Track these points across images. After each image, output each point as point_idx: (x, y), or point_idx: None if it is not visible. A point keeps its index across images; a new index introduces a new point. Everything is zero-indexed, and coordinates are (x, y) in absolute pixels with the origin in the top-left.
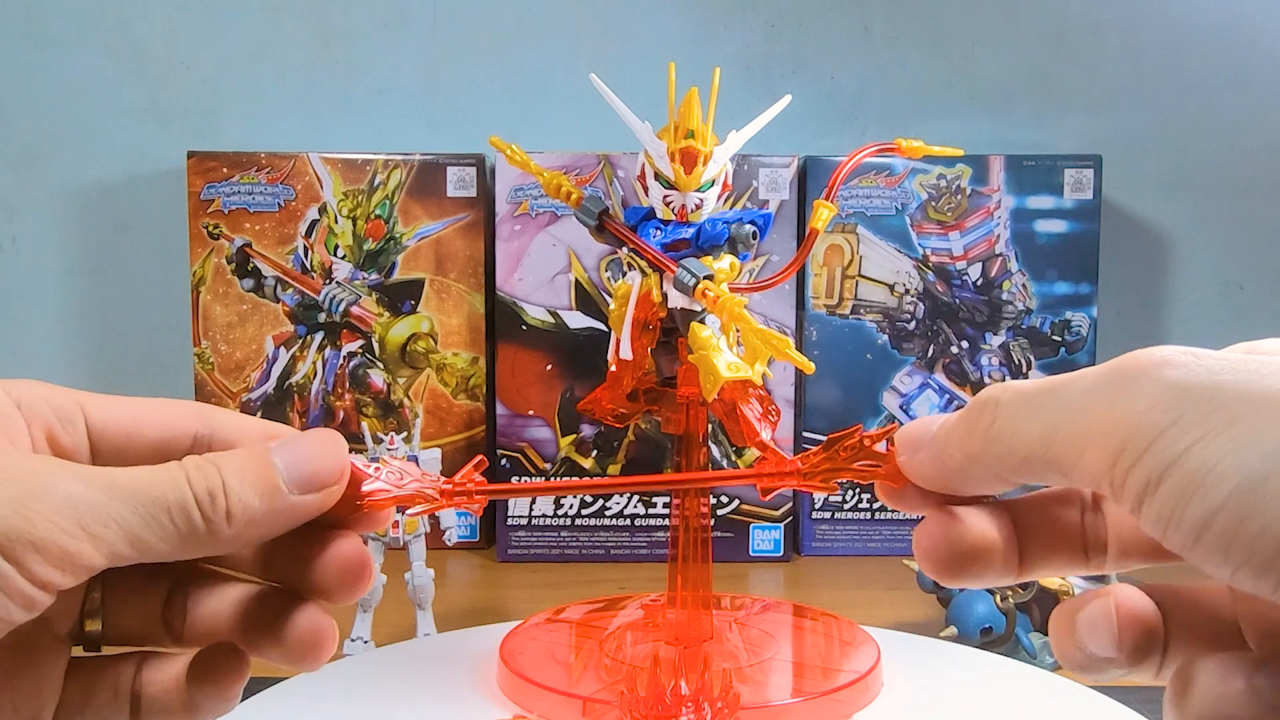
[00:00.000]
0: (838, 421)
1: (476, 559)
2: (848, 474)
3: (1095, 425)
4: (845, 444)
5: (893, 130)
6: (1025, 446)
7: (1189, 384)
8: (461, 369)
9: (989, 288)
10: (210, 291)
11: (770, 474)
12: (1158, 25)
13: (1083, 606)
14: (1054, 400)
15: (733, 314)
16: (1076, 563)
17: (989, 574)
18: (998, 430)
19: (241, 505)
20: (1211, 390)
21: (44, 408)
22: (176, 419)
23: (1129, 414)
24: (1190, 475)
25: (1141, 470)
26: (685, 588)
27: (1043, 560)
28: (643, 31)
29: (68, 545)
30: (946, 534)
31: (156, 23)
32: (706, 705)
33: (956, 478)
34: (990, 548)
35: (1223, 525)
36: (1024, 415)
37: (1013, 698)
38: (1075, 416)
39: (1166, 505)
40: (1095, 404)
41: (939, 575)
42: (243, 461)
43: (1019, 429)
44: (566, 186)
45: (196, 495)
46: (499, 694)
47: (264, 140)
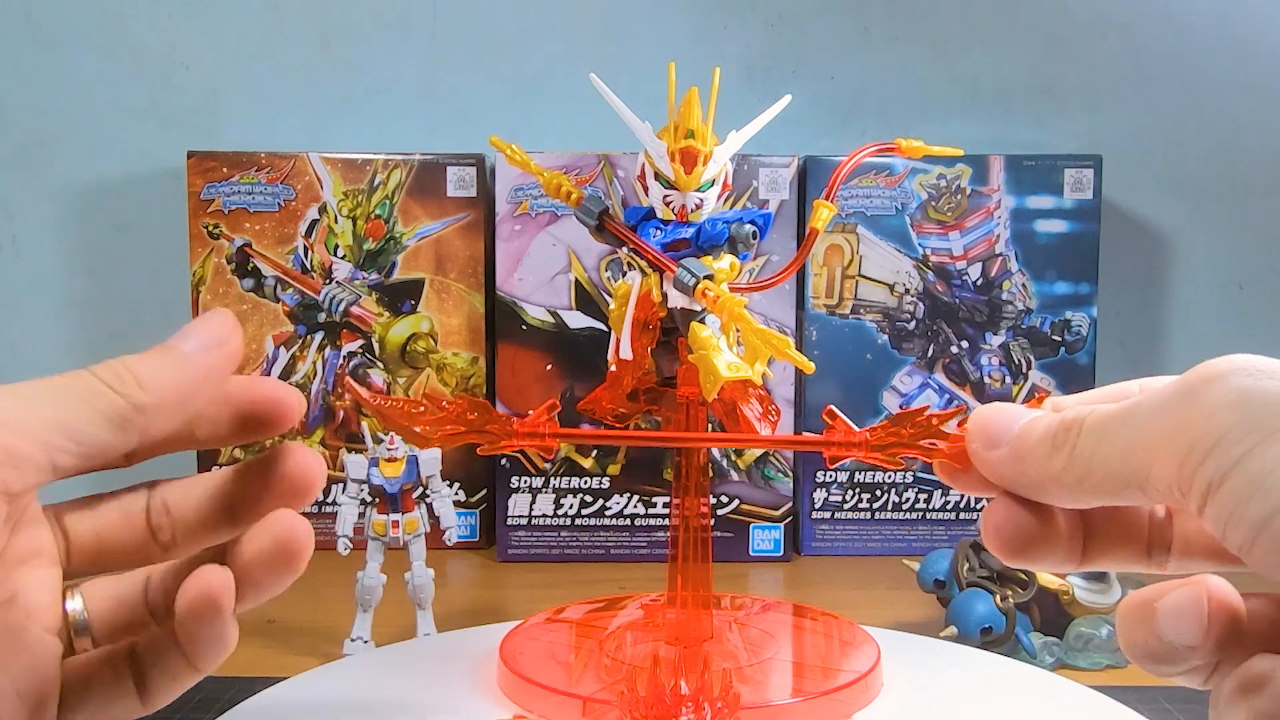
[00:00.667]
0: None
1: (476, 559)
2: (913, 450)
3: (1166, 434)
4: (913, 420)
5: (893, 130)
6: (1105, 467)
7: (1254, 390)
8: (461, 369)
9: (989, 288)
10: (210, 291)
11: (839, 443)
12: (1158, 25)
13: (1163, 594)
14: (1131, 418)
15: (733, 314)
16: (1139, 559)
17: (1052, 559)
18: (1080, 452)
19: (147, 369)
20: (1275, 395)
21: None
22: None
23: (1196, 418)
24: (1251, 477)
25: (1206, 470)
26: (685, 588)
27: (1106, 553)
28: (643, 31)
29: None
30: (1016, 518)
31: (156, 23)
32: (706, 705)
33: (1031, 488)
34: (1057, 534)
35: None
36: (1105, 436)
37: (1013, 698)
38: (1148, 431)
39: (1227, 505)
40: (1167, 415)
41: (1003, 555)
42: (144, 352)
43: (1100, 450)
44: (566, 186)
45: (102, 376)
46: (499, 694)
47: (264, 140)
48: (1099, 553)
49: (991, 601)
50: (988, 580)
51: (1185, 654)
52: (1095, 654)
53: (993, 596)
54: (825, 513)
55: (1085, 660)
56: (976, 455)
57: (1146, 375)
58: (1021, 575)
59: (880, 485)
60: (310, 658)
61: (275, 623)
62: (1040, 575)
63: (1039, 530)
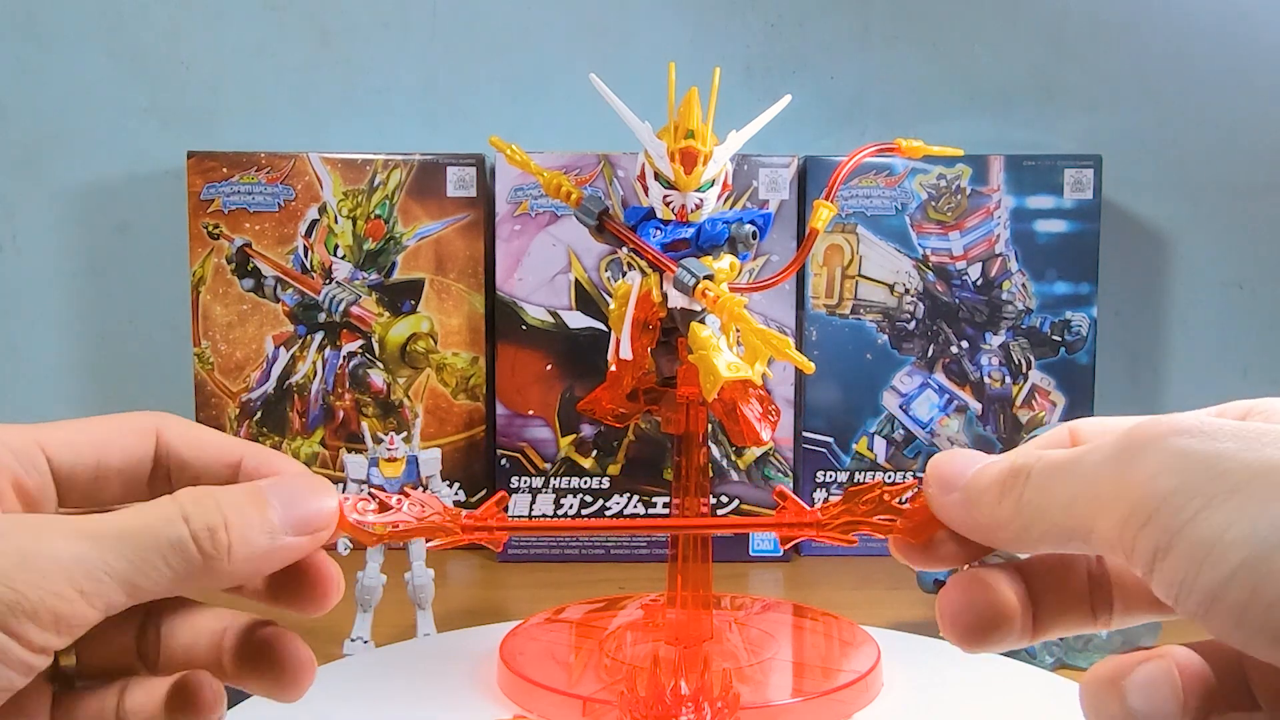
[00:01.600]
0: (838, 421)
1: (476, 559)
2: (866, 527)
3: (1107, 492)
4: (865, 497)
5: (893, 130)
6: (1050, 516)
7: (1192, 451)
8: (461, 369)
9: (989, 288)
10: (210, 291)
11: (789, 524)
12: (1158, 25)
13: (1128, 668)
14: (1075, 469)
15: (733, 314)
16: (1085, 621)
17: (1009, 639)
18: (1027, 499)
19: (243, 542)
20: (1214, 458)
21: (4, 455)
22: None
23: (1136, 481)
24: (1199, 543)
25: (1150, 536)
26: (685, 588)
27: (1054, 621)
28: (643, 31)
29: (61, 609)
30: (971, 601)
31: (156, 23)
32: (706, 705)
33: (980, 533)
34: (1011, 613)
35: (1235, 596)
36: (1050, 486)
37: (1013, 698)
38: (1091, 485)
39: (1177, 573)
40: (1108, 472)
41: (964, 643)
42: (242, 499)
43: (1046, 500)
44: (566, 186)
45: (195, 532)
46: (499, 694)
47: (264, 140)
48: (1047, 622)
49: None
50: None
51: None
52: (1095, 654)
53: None
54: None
55: (1085, 660)
56: (934, 500)
57: (1147, 375)
58: None
59: None
60: None
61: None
62: None
63: (994, 609)
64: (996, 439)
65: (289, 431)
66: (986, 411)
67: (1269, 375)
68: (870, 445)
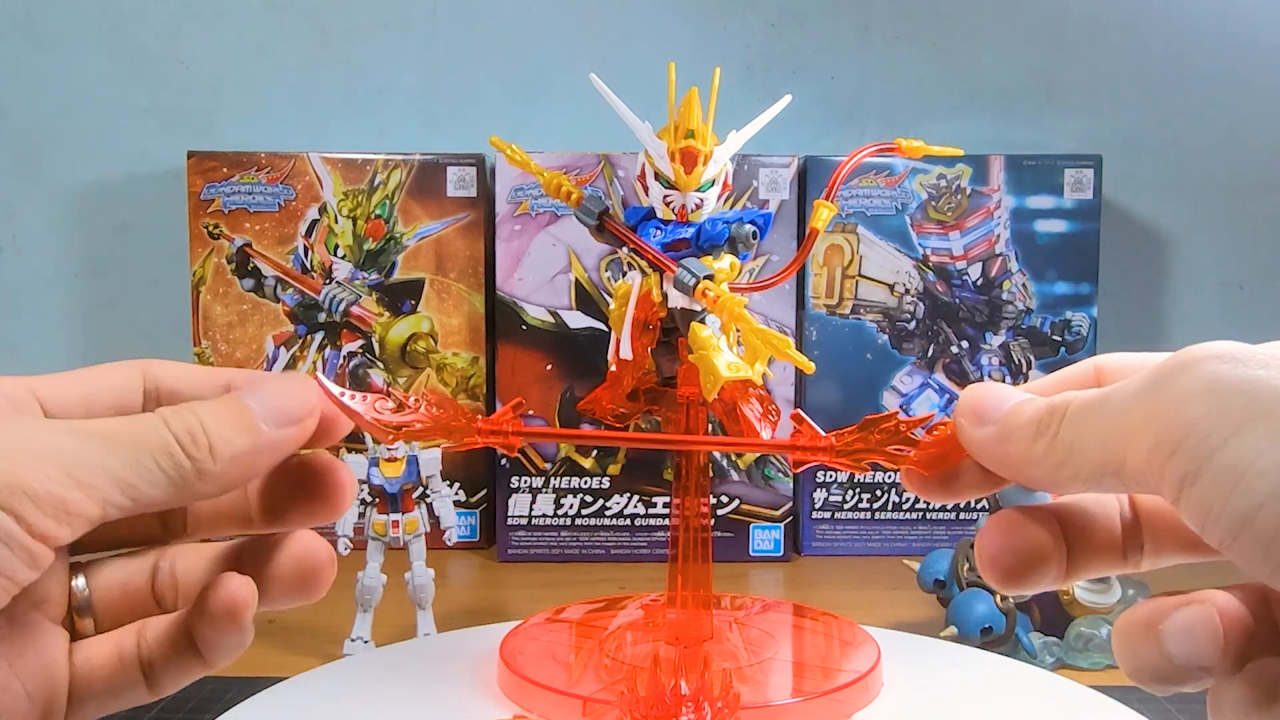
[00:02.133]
0: (838, 421)
1: (476, 559)
2: (879, 455)
3: (1139, 421)
4: (881, 426)
5: (893, 130)
6: (1084, 454)
7: (1224, 378)
8: (461, 369)
9: (989, 288)
10: (210, 291)
11: (804, 446)
12: (1158, 25)
13: (1164, 612)
14: (1107, 405)
15: (733, 314)
16: (1116, 563)
17: (1046, 579)
18: (1061, 438)
19: (223, 441)
20: (1246, 384)
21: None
22: (123, 383)
23: (1166, 407)
24: (1228, 470)
25: (1178, 463)
26: (685, 588)
27: (1086, 563)
28: (643, 31)
29: (61, 493)
30: (1010, 542)
31: (156, 23)
32: (706, 705)
33: (1013, 469)
34: (1049, 553)
35: (1264, 524)
36: (1084, 424)
37: (1013, 698)
38: (1122, 417)
39: (1205, 499)
40: (1140, 401)
41: (1003, 582)
42: (217, 405)
43: (1081, 437)
44: (566, 186)
45: (177, 436)
46: (499, 694)
47: (264, 140)
48: (1080, 563)
49: (991, 601)
50: None
51: (1197, 674)
52: (1095, 654)
53: (993, 596)
54: (825, 513)
55: (1085, 660)
56: (963, 431)
57: None
58: None
59: (880, 485)
60: (310, 658)
61: (275, 623)
62: None
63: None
64: None
65: None
66: None
67: None
68: None
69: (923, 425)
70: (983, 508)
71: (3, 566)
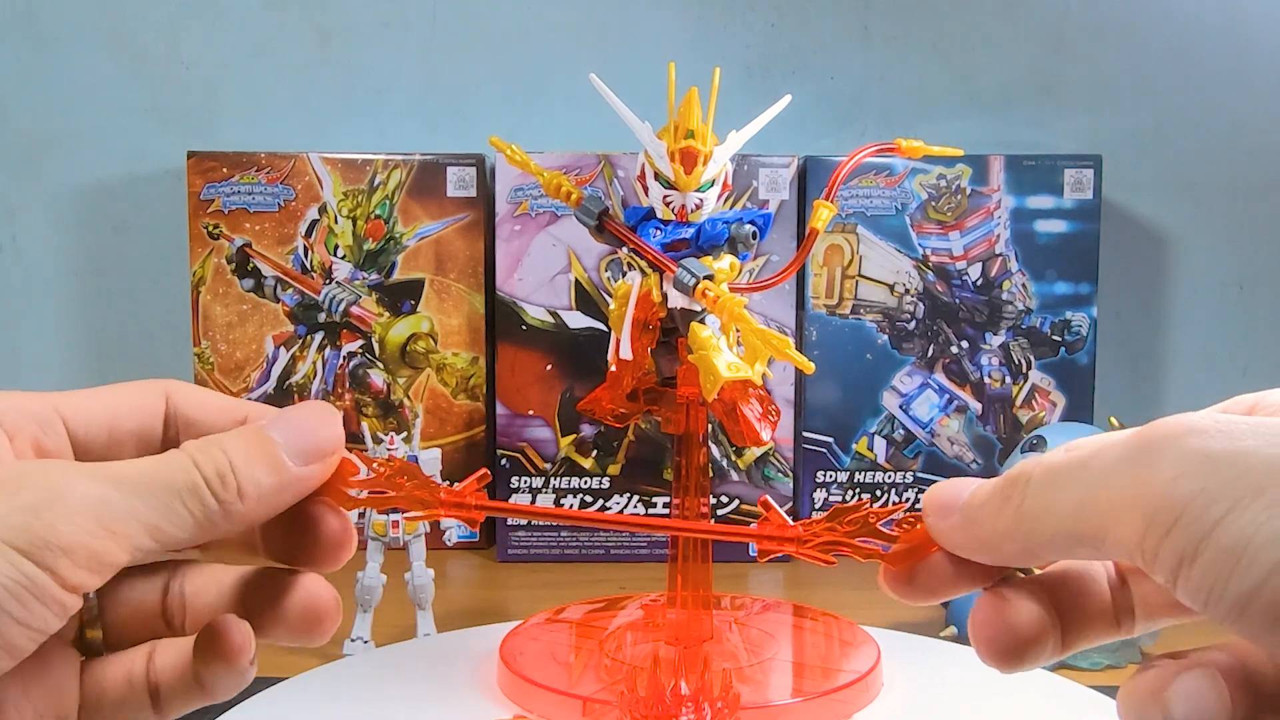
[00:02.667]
0: (838, 421)
1: (476, 559)
2: (847, 549)
3: (1123, 497)
4: (850, 516)
5: (893, 130)
6: (1056, 522)
7: (1211, 451)
8: (461, 369)
9: (989, 288)
10: (210, 291)
11: (768, 536)
12: (1158, 25)
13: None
14: (1082, 473)
15: (733, 314)
16: (1110, 630)
17: (1043, 655)
18: (1029, 507)
19: (252, 482)
20: (1235, 456)
21: (23, 419)
22: (147, 405)
23: (1155, 485)
24: (1228, 548)
25: (1174, 543)
26: (685, 588)
27: (1080, 634)
28: (643, 31)
29: (93, 545)
30: (1001, 621)
31: (156, 23)
32: (706, 705)
33: (985, 550)
34: (1041, 629)
35: (1269, 598)
36: (1054, 491)
37: (1013, 698)
38: (1103, 490)
39: (1206, 579)
40: (1122, 475)
41: (1000, 664)
42: (245, 440)
43: (1050, 505)
44: (566, 186)
45: (206, 478)
46: (499, 694)
47: (264, 140)
48: (1075, 635)
49: None
50: None
51: None
52: (1095, 654)
53: None
54: (825, 513)
55: (1085, 660)
56: (933, 529)
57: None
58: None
59: (880, 485)
60: (310, 658)
61: None
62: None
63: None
64: (996, 439)
65: None
66: (986, 411)
67: (1269, 375)
68: (870, 445)
69: (891, 517)
70: None
71: (34, 619)
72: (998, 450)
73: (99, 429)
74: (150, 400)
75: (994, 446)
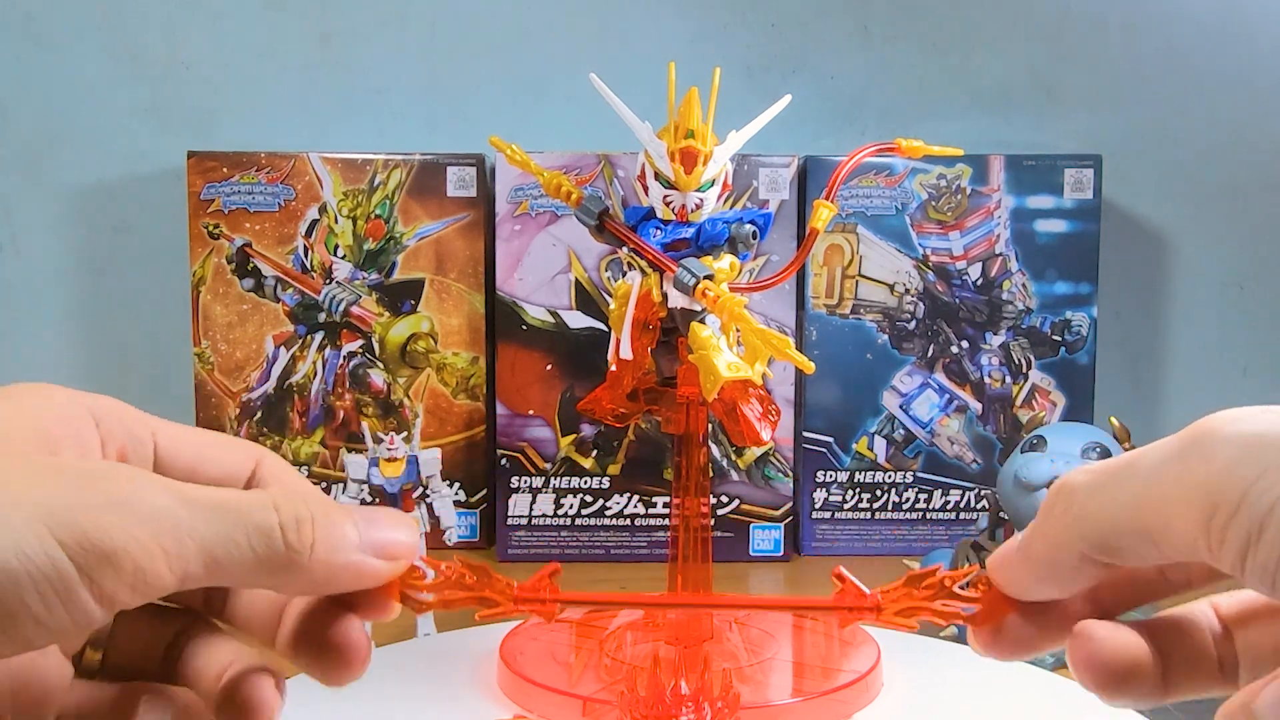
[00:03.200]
0: (838, 421)
1: (476, 559)
2: (928, 613)
3: (1179, 490)
4: (925, 582)
5: (893, 130)
6: (1111, 519)
7: (1265, 434)
8: (461, 369)
9: (989, 287)
10: (210, 291)
11: (850, 606)
12: (1158, 25)
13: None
14: (1132, 473)
15: (733, 314)
16: (1214, 680)
17: (1143, 689)
18: (1079, 511)
19: (327, 539)
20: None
21: (120, 429)
22: (236, 461)
23: (1212, 473)
24: None
25: (1239, 526)
26: (685, 588)
27: (1184, 681)
28: (643, 31)
29: (142, 560)
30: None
31: (156, 23)
32: (706, 705)
33: (1047, 572)
34: (1141, 662)
35: None
36: (1105, 491)
37: (1013, 698)
38: (1156, 485)
39: (1272, 555)
40: (1174, 469)
41: (1099, 690)
42: (329, 505)
43: (1103, 504)
44: (566, 186)
45: (283, 521)
46: (499, 694)
47: (264, 140)
48: (1178, 681)
49: None
50: None
51: None
52: None
53: None
54: (825, 513)
55: None
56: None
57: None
58: None
59: (880, 485)
60: None
61: None
62: None
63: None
64: (996, 439)
65: (289, 431)
66: (986, 411)
67: (1269, 375)
68: (870, 445)
69: (966, 579)
70: (982, 507)
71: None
72: (998, 450)
73: (183, 466)
74: (240, 457)
75: (994, 446)
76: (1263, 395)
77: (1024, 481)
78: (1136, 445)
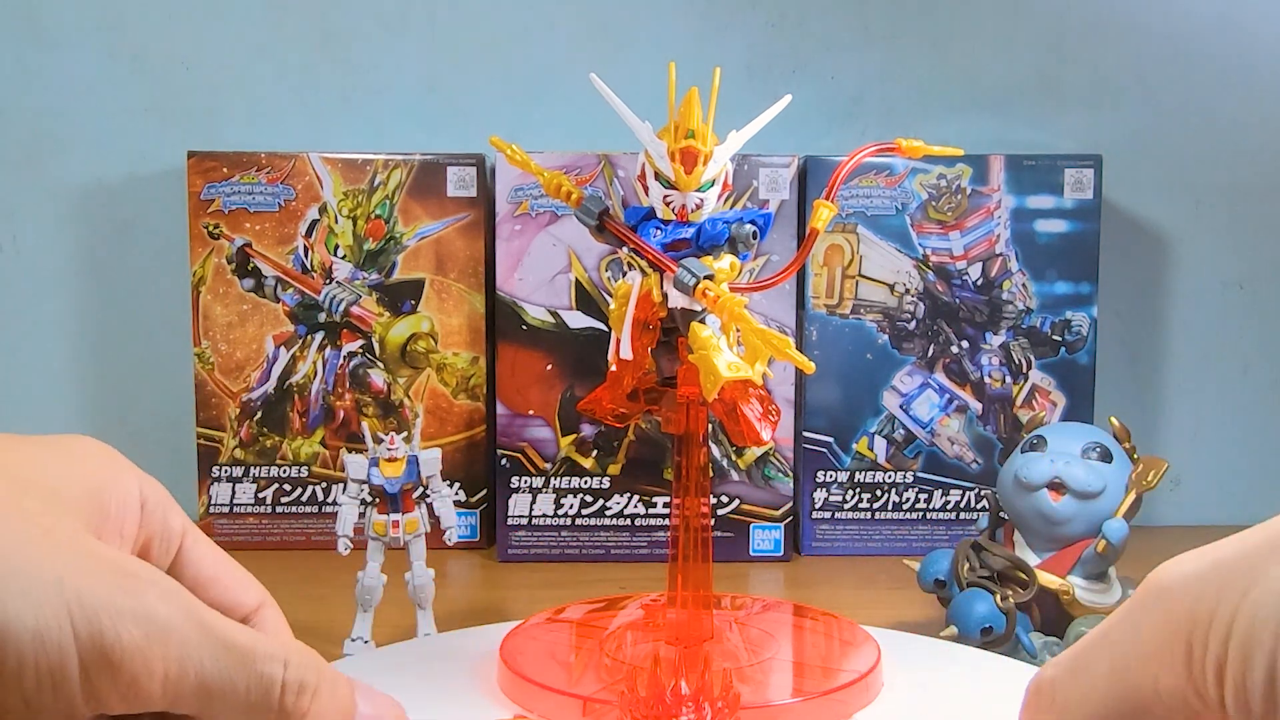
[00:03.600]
0: (838, 421)
1: (476, 559)
2: None
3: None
4: None
5: (893, 130)
6: (1098, 693)
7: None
8: (461, 369)
9: (989, 287)
10: (210, 291)
11: None
12: (1158, 25)
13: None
14: (1101, 644)
15: (733, 314)
16: None
17: None
18: (1064, 697)
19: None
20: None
21: (158, 521)
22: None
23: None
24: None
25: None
26: (685, 587)
27: None
28: (643, 31)
29: (141, 676)
30: None
31: (156, 23)
32: (706, 705)
33: None
34: None
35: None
36: (1081, 671)
37: (1013, 698)
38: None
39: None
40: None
41: None
42: (339, 680)
43: (1084, 684)
44: (566, 186)
45: (287, 679)
46: (499, 694)
47: (264, 140)
48: None
49: (992, 601)
50: (988, 580)
51: None
52: None
53: (993, 596)
54: (825, 513)
55: None
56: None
57: (1147, 375)
58: (1021, 575)
59: (880, 485)
60: None
61: None
62: (1040, 575)
63: None
64: (997, 439)
65: (289, 432)
66: (987, 411)
67: (1269, 375)
68: (870, 445)
69: None
70: (983, 507)
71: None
72: (998, 450)
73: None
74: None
75: (994, 446)
76: (1263, 395)
77: (1024, 481)
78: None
